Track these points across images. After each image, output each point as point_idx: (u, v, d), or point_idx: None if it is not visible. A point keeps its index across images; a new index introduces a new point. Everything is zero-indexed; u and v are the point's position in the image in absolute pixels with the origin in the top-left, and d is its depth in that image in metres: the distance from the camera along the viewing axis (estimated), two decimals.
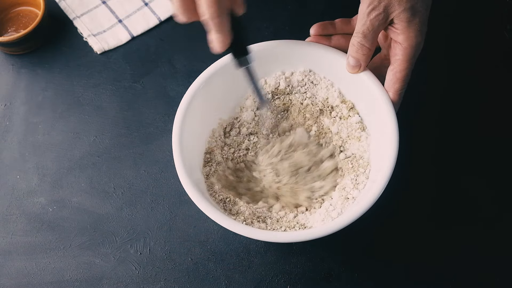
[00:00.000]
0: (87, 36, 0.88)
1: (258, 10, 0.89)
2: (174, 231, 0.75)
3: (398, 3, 0.64)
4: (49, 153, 0.81)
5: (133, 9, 0.91)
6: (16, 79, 0.86)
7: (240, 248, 0.74)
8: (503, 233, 0.73)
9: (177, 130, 0.68)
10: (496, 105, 0.81)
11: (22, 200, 0.78)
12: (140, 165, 0.79)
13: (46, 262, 0.74)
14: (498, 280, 0.71)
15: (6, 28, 0.88)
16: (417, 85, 0.74)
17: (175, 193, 0.77)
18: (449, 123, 0.80)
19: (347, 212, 0.65)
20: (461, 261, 0.72)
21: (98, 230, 0.76)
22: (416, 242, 0.73)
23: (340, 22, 0.73)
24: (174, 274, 0.73)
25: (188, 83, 0.72)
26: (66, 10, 0.91)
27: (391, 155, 0.65)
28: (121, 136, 0.82)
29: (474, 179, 0.76)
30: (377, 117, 0.70)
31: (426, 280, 0.71)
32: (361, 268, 0.72)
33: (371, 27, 0.65)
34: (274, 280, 0.72)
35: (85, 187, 0.78)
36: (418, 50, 0.66)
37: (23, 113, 0.84)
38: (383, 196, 0.64)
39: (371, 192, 0.64)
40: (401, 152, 0.65)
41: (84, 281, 0.73)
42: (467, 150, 0.78)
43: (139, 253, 0.74)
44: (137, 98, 0.84)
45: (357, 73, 0.70)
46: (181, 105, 0.70)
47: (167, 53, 0.87)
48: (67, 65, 0.87)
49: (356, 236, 0.73)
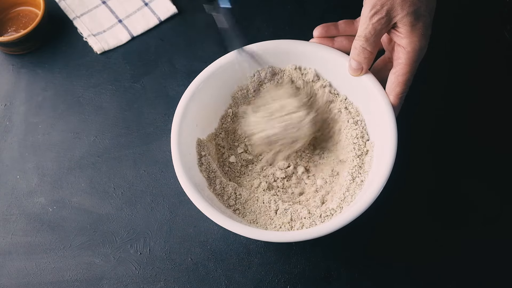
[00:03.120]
0: (87, 36, 0.89)
1: (258, 10, 0.89)
2: (174, 231, 0.75)
3: (401, 7, 0.64)
4: (49, 153, 0.81)
5: (133, 9, 0.91)
6: (16, 79, 0.86)
7: (240, 248, 0.74)
8: (503, 233, 0.73)
9: (176, 130, 0.69)
10: (496, 105, 0.81)
11: (22, 200, 0.78)
12: (140, 165, 0.79)
13: (46, 262, 0.74)
14: (498, 280, 0.71)
15: (6, 28, 0.88)
16: (418, 85, 0.74)
17: (175, 193, 0.77)
18: (449, 123, 0.80)
19: (345, 212, 0.65)
20: (461, 261, 0.72)
21: (98, 230, 0.76)
22: (416, 242, 0.73)
23: (343, 23, 0.73)
24: (174, 274, 0.73)
25: (188, 83, 0.72)
26: (66, 10, 0.91)
27: (390, 154, 0.65)
28: (121, 136, 0.82)
29: (474, 182, 0.76)
30: (377, 119, 0.70)
31: (426, 280, 0.71)
32: (361, 268, 0.72)
33: (373, 31, 0.65)
34: (274, 280, 0.72)
35: (85, 187, 0.78)
36: (421, 54, 0.66)
37: (23, 113, 0.84)
38: (383, 196, 0.64)
39: (369, 192, 0.64)
40: (401, 152, 0.66)
41: (84, 281, 0.73)
42: (467, 151, 0.78)
43: (139, 253, 0.74)
44: (137, 98, 0.84)
45: (359, 76, 0.70)
46: (180, 104, 0.70)
47: (167, 53, 0.87)
48: (67, 65, 0.87)
49: (356, 236, 0.73)
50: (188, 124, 0.70)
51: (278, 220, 0.69)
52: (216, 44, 0.87)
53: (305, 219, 0.68)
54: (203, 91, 0.72)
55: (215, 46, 0.87)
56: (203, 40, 0.88)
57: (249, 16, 0.89)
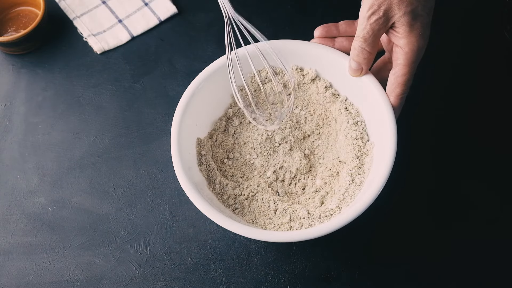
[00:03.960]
0: (87, 36, 0.89)
1: (258, 10, 0.89)
2: (174, 231, 0.75)
3: (398, 6, 0.64)
4: (49, 153, 0.81)
5: (133, 9, 0.91)
6: (16, 79, 0.86)
7: (240, 248, 0.74)
8: (503, 233, 0.73)
9: (176, 129, 0.69)
10: (496, 105, 0.81)
11: (22, 200, 0.78)
12: (140, 165, 0.79)
13: (46, 262, 0.74)
14: (499, 280, 0.71)
15: (6, 28, 0.88)
16: (418, 85, 0.74)
17: (175, 193, 0.77)
18: (449, 123, 0.80)
19: (344, 213, 0.65)
20: (461, 261, 0.72)
21: (98, 230, 0.76)
22: (416, 242, 0.73)
23: (344, 24, 0.73)
24: (174, 274, 0.73)
25: (188, 83, 0.72)
26: (66, 10, 0.91)
27: (390, 155, 0.65)
28: (121, 136, 0.82)
29: (475, 182, 0.76)
30: (377, 119, 0.70)
31: (426, 280, 0.71)
32: (361, 268, 0.72)
33: (371, 31, 0.65)
34: (274, 280, 0.72)
35: (85, 187, 0.78)
36: (420, 54, 0.66)
37: (23, 113, 0.84)
38: (383, 197, 0.64)
39: (369, 193, 0.64)
40: (401, 152, 0.66)
41: (84, 281, 0.73)
42: (467, 151, 0.78)
43: (139, 253, 0.74)
44: (137, 98, 0.84)
45: (359, 76, 0.70)
46: (180, 104, 0.70)
47: (167, 53, 0.87)
48: (67, 65, 0.87)
49: (356, 236, 0.73)
50: (188, 124, 0.70)
51: (277, 220, 0.69)
52: (216, 44, 0.87)
53: (304, 219, 0.68)
54: (203, 91, 0.72)
55: (215, 46, 0.87)
56: (203, 40, 0.88)
57: (249, 16, 0.89)
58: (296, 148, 0.75)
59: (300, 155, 0.74)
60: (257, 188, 0.72)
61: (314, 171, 0.74)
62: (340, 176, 0.72)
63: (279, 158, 0.74)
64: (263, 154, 0.74)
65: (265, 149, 0.75)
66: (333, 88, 0.75)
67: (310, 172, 0.74)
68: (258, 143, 0.75)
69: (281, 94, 0.75)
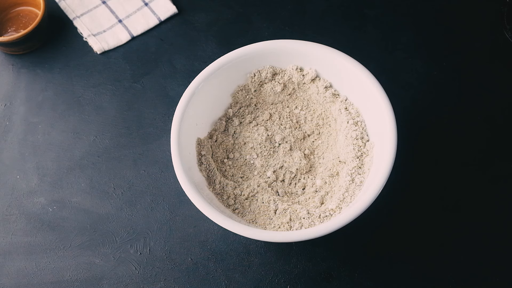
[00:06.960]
0: (87, 36, 0.89)
1: (258, 10, 0.89)
2: (174, 231, 0.75)
3: None
4: (49, 153, 0.81)
5: (133, 9, 0.91)
6: (16, 79, 0.86)
7: (240, 248, 0.74)
8: (503, 233, 0.73)
9: (176, 129, 0.69)
10: (496, 105, 0.81)
11: (22, 200, 0.78)
12: (140, 165, 0.79)
13: (46, 262, 0.74)
14: (499, 280, 0.71)
15: (6, 28, 0.88)
16: (418, 85, 0.75)
17: (175, 193, 0.77)
18: (449, 123, 0.80)
19: (344, 213, 0.65)
20: (461, 261, 0.72)
21: (98, 230, 0.76)
22: (416, 242, 0.73)
23: None
24: (174, 274, 0.73)
25: (188, 83, 0.72)
26: (66, 10, 0.91)
27: (390, 155, 0.65)
28: (121, 136, 0.82)
29: (475, 182, 0.76)
30: (377, 120, 0.70)
31: (426, 280, 0.71)
32: (361, 268, 0.72)
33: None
34: (274, 280, 0.72)
35: (85, 187, 0.78)
36: None
37: (23, 113, 0.84)
38: (383, 197, 0.64)
39: (368, 193, 0.64)
40: (400, 152, 0.66)
41: (84, 281, 0.73)
42: (467, 151, 0.78)
43: (139, 253, 0.74)
44: (137, 98, 0.84)
45: None
46: (180, 104, 0.70)
47: (167, 53, 0.87)
48: (67, 65, 0.87)
49: (356, 236, 0.73)
50: (188, 123, 0.70)
51: (277, 220, 0.69)
52: (216, 44, 0.87)
53: (304, 219, 0.68)
54: (203, 90, 0.72)
55: (215, 46, 0.87)
56: (203, 40, 0.88)
57: (249, 16, 0.89)
58: (296, 148, 0.75)
59: (300, 155, 0.74)
60: (257, 188, 0.72)
61: (314, 171, 0.74)
62: (340, 176, 0.72)
63: (279, 158, 0.74)
64: (263, 154, 0.75)
65: (265, 149, 0.75)
66: (333, 88, 0.75)
67: (310, 172, 0.74)
68: (258, 143, 0.75)
69: (281, 94, 0.75)
